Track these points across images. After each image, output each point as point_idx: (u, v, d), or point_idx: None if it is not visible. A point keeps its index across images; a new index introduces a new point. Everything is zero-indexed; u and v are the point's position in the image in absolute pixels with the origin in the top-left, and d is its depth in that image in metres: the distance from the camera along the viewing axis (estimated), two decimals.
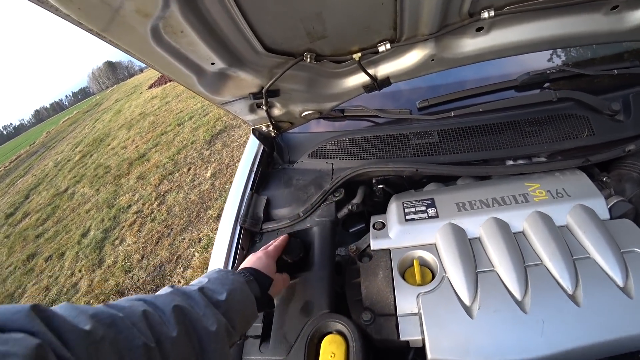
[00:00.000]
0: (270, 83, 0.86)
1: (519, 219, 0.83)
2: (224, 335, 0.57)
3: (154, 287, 3.00)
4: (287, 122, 1.13)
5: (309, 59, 0.82)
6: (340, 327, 0.72)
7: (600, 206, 0.84)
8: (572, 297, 0.69)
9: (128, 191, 5.00)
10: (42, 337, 0.35)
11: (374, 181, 1.05)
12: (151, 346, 0.46)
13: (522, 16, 0.84)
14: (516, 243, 0.79)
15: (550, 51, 1.23)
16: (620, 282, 0.70)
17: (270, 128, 1.12)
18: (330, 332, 0.73)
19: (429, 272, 0.81)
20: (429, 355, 0.67)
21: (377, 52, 0.86)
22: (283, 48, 0.79)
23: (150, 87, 14.18)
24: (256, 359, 0.77)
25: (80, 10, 0.54)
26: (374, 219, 0.96)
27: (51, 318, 0.39)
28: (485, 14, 0.79)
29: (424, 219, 0.88)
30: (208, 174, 4.41)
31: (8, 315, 0.36)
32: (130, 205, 4.57)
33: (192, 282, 0.67)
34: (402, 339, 0.71)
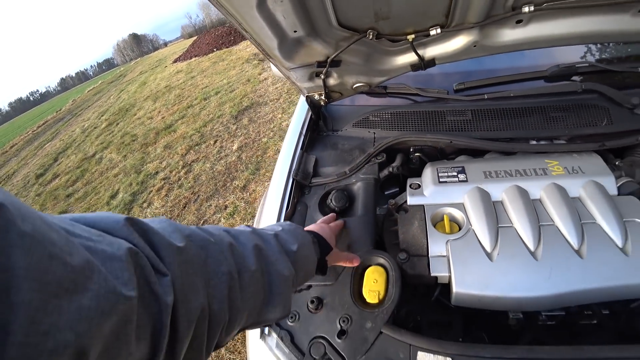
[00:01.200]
0: (336, 53, 1.01)
1: (537, 188, 0.97)
2: (290, 282, 0.61)
3: None
4: (338, 92, 1.27)
5: (371, 36, 0.97)
6: (382, 260, 0.88)
7: (610, 184, 0.97)
8: (577, 252, 0.84)
9: (155, 159, 5.25)
10: (140, 248, 0.37)
11: (411, 149, 1.20)
12: (234, 275, 0.49)
13: (557, 12, 0.96)
14: (533, 206, 0.93)
15: (580, 46, 1.34)
16: (619, 243, 0.84)
17: (323, 97, 1.26)
18: (373, 265, 0.89)
19: (457, 226, 0.96)
20: (454, 288, 0.83)
21: (429, 35, 1.00)
22: (352, 24, 0.94)
23: (175, 61, 14.39)
24: (307, 284, 0.91)
25: None
26: (410, 181, 1.11)
27: (147, 231, 0.41)
28: (526, 9, 0.91)
29: (455, 182, 1.03)
30: (235, 147, 4.60)
31: (111, 223, 0.38)
32: (157, 172, 4.81)
33: (266, 227, 0.71)
34: (432, 274, 0.86)
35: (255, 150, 4.38)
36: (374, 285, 0.83)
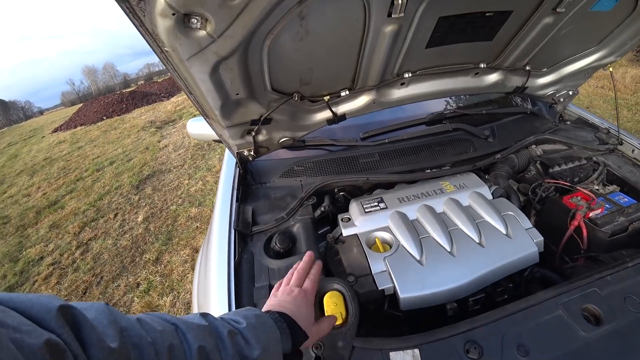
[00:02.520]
0: (268, 112, 1.16)
1: (439, 204, 1.25)
2: None
3: None
4: (266, 147, 1.41)
5: (296, 97, 1.16)
6: (336, 285, 0.98)
7: (486, 192, 1.31)
8: (479, 244, 1.09)
9: (38, 242, 4.43)
10: (68, 346, 0.35)
11: (336, 190, 1.39)
12: None
13: (426, 77, 1.34)
14: (440, 218, 1.18)
15: (447, 99, 1.79)
16: (503, 231, 1.13)
17: (252, 152, 1.38)
18: (329, 291, 0.98)
19: (387, 245, 1.14)
20: (400, 294, 0.98)
21: (340, 96, 1.25)
22: (282, 88, 1.12)
23: (56, 130, 12.80)
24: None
25: (180, 44, 0.78)
26: (340, 216, 1.27)
27: (79, 324, 0.38)
28: (406, 75, 1.25)
29: (378, 210, 1.23)
30: (140, 219, 4.23)
31: (43, 311, 0.35)
32: (42, 257, 4.05)
33: (228, 315, 0.64)
34: (379, 288, 1.00)
35: (164, 219, 4.11)
36: (335, 308, 0.91)
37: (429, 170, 1.41)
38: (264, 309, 0.73)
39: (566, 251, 1.28)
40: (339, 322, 0.89)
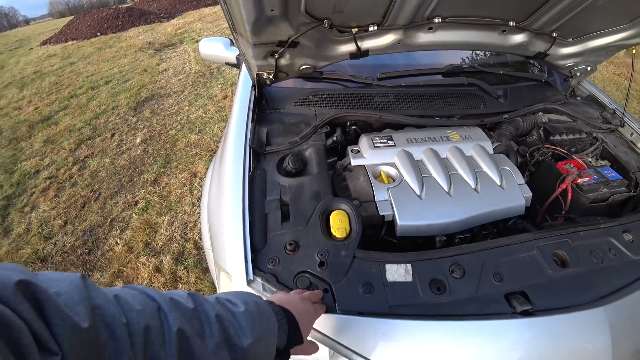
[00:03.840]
0: (297, 35, 1.16)
1: (444, 150, 1.32)
2: None
3: (86, 250, 2.86)
4: (285, 72, 1.42)
5: (326, 25, 1.16)
6: (342, 205, 1.07)
7: (489, 146, 1.38)
8: (475, 189, 1.19)
9: (33, 155, 4.41)
10: (28, 324, 0.32)
11: (348, 124, 1.44)
12: None
13: (454, 26, 1.34)
14: (443, 162, 1.26)
15: (467, 52, 1.79)
16: (498, 182, 1.22)
17: (271, 76, 1.39)
18: (336, 209, 1.08)
19: (391, 179, 1.23)
20: (398, 221, 1.08)
21: (367, 30, 1.25)
22: (314, 13, 1.12)
23: (45, 43, 12.05)
24: (281, 232, 1.02)
25: None
26: (350, 147, 1.34)
27: (41, 302, 0.34)
28: (436, 20, 1.25)
29: (386, 146, 1.30)
30: (138, 140, 4.23)
31: (1, 285, 0.32)
32: (38, 171, 4.07)
33: (225, 295, 0.59)
34: (380, 214, 1.10)
35: (163, 143, 4.12)
36: (340, 224, 1.01)
37: (438, 118, 1.46)
38: (270, 299, 0.69)
39: (548, 211, 1.40)
40: (343, 235, 0.99)
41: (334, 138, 1.37)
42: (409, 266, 0.92)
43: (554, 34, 1.51)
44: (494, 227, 1.25)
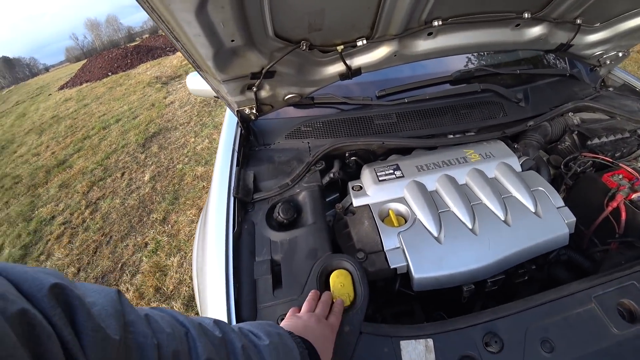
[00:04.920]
0: (271, 64, 1.00)
1: (462, 174, 1.11)
2: None
3: None
4: (269, 104, 1.26)
5: (304, 47, 0.99)
6: (344, 263, 0.88)
7: (515, 163, 1.16)
8: (505, 222, 0.97)
9: (49, 201, 4.47)
10: (58, 330, 0.31)
11: (347, 154, 1.25)
12: None
13: (459, 27, 1.13)
14: (463, 190, 1.05)
15: (477, 55, 1.58)
16: (532, 209, 1.00)
17: (254, 110, 1.24)
18: (336, 269, 0.89)
19: (402, 219, 1.03)
20: (414, 274, 0.88)
21: (355, 46, 1.07)
22: (287, 35, 0.95)
23: (62, 88, 12.64)
24: (273, 304, 0.85)
25: None
26: (351, 183, 1.15)
27: (73, 308, 0.33)
28: (435, 23, 1.05)
29: (393, 179, 1.10)
30: (146, 178, 4.20)
31: (35, 288, 0.31)
32: (54, 217, 4.10)
33: (248, 326, 0.59)
34: (391, 267, 0.90)
35: (171, 178, 4.07)
36: (342, 289, 0.83)
37: (452, 136, 1.26)
38: (284, 326, 0.67)
39: (597, 234, 1.15)
40: (346, 304, 0.80)
41: (331, 175, 1.19)
42: (430, 341, 0.71)
43: (578, 21, 1.28)
44: (532, 263, 1.02)
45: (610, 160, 1.20)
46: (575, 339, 0.72)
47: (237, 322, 0.82)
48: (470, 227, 0.96)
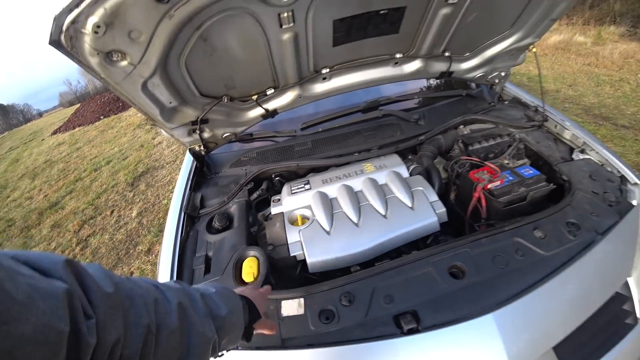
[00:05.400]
0: (203, 114, 1.34)
1: (358, 183, 1.42)
2: (210, 346, 0.61)
3: None
4: (213, 142, 1.59)
5: (225, 100, 1.34)
6: (252, 252, 1.18)
7: (403, 171, 1.47)
8: (384, 216, 1.26)
9: (41, 241, 4.71)
10: (73, 290, 0.40)
11: (273, 176, 1.57)
12: (152, 330, 0.50)
13: (347, 70, 1.49)
14: (355, 195, 1.35)
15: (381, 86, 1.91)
16: (409, 204, 1.30)
17: (202, 147, 1.57)
18: (248, 257, 1.18)
19: (307, 220, 1.32)
20: (308, 259, 1.17)
21: (266, 95, 1.42)
22: (210, 93, 1.31)
23: (55, 132, 13.05)
24: (202, 284, 1.13)
25: (110, 73, 0.99)
26: (273, 197, 1.47)
27: (82, 275, 0.44)
28: (324, 71, 1.41)
29: (303, 191, 1.41)
30: (134, 214, 4.47)
31: (50, 264, 0.41)
32: None
33: (198, 286, 0.74)
34: (291, 254, 1.19)
35: (156, 213, 4.35)
36: (249, 269, 1.12)
37: (357, 154, 1.58)
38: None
39: (474, 218, 1.45)
40: (250, 280, 1.09)
41: (258, 192, 1.50)
42: (302, 300, 1.00)
43: (447, 54, 1.63)
44: (412, 249, 1.30)
45: (479, 160, 1.53)
46: (411, 294, 1.00)
47: None
48: (355, 221, 1.26)
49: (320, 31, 1.19)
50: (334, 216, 1.29)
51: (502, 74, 1.94)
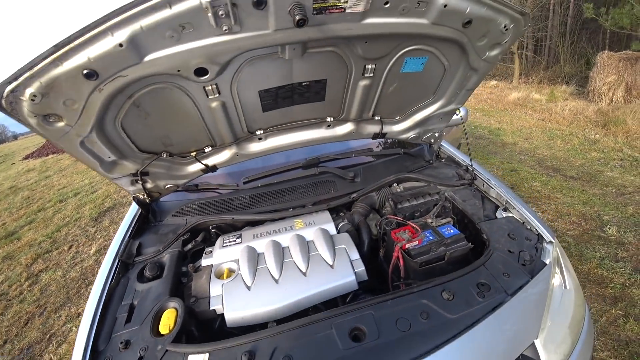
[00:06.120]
0: (142, 168, 1.43)
1: (287, 239, 1.50)
2: None
3: None
4: (157, 192, 1.67)
5: (165, 155, 1.44)
6: (173, 304, 1.22)
7: (331, 228, 1.55)
8: (304, 273, 1.33)
9: None
10: None
11: (211, 228, 1.64)
12: None
13: (281, 132, 1.63)
14: (281, 251, 1.43)
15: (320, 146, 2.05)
16: (330, 262, 1.38)
17: (145, 196, 1.64)
18: (168, 308, 1.22)
19: (233, 274, 1.38)
20: (225, 314, 1.22)
21: (204, 152, 1.53)
22: (149, 149, 1.41)
23: (27, 157, 12.74)
24: (121, 333, 1.17)
25: (48, 132, 1.08)
26: (207, 249, 1.52)
27: None
28: (258, 132, 1.54)
29: (234, 244, 1.48)
30: (92, 251, 4.36)
31: None
32: None
33: None
34: (211, 308, 1.24)
35: None
36: (167, 321, 1.16)
37: (291, 209, 1.68)
38: None
39: (397, 275, 1.50)
40: (166, 332, 1.14)
41: (192, 243, 1.56)
42: (207, 355, 1.04)
43: (376, 117, 1.79)
44: (331, 306, 1.31)
45: (402, 219, 1.63)
46: (310, 356, 1.04)
47: (92, 349, 1.14)
48: (276, 278, 1.33)
49: (248, 100, 1.33)
50: (258, 271, 1.35)
51: (436, 134, 2.09)
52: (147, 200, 1.71)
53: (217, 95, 1.22)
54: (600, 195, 4.09)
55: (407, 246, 1.45)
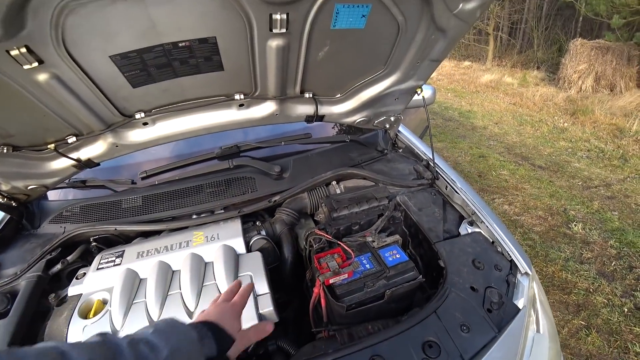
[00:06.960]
0: None
1: (179, 260, 1.15)
2: None
3: None
4: (23, 194, 1.28)
5: (5, 150, 1.06)
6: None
7: (239, 245, 1.21)
8: (191, 314, 1.00)
9: None
10: None
11: (91, 240, 1.27)
12: None
13: (174, 114, 1.23)
14: (168, 278, 1.10)
15: (245, 129, 1.59)
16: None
17: (5, 200, 1.25)
18: None
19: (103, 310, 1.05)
20: None
21: (68, 143, 1.15)
22: None
23: None
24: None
25: None
26: (80, 270, 1.17)
27: None
28: (138, 115, 1.16)
29: (111, 266, 1.13)
30: None
31: None
32: None
33: (138, 330, 0.63)
34: None
35: None
36: None
37: (195, 216, 1.34)
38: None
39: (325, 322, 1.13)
40: None
41: (61, 263, 1.20)
42: None
43: (308, 95, 1.37)
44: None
45: (331, 238, 1.23)
46: None
47: None
48: (154, 319, 0.99)
49: (98, 70, 0.94)
50: (132, 307, 1.03)
51: (392, 118, 1.71)
52: (14, 204, 1.32)
53: (37, 64, 0.83)
54: (567, 187, 4.00)
55: (331, 281, 1.06)
